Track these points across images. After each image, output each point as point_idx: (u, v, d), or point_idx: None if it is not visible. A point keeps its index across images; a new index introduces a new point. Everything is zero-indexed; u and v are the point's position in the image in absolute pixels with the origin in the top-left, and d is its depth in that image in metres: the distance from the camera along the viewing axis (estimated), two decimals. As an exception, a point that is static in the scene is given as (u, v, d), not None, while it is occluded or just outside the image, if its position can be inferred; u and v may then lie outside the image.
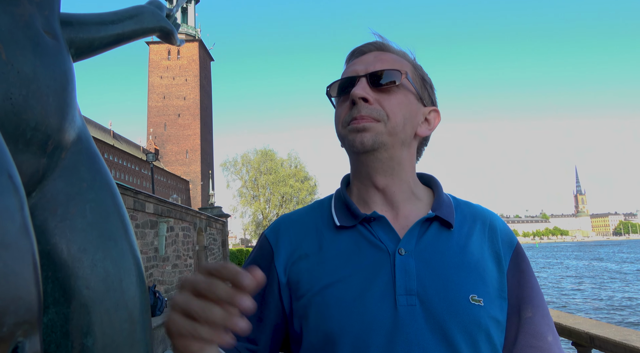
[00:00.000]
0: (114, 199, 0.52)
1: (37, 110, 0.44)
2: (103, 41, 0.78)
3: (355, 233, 0.82)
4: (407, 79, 0.84)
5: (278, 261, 0.83)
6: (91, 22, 0.76)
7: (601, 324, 4.65)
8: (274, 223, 0.91)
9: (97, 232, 0.49)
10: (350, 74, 0.84)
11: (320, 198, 0.95)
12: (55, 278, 0.45)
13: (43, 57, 0.46)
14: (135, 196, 8.54)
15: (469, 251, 0.82)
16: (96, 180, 0.51)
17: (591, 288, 23.93)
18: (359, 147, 0.80)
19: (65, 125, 0.48)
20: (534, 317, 0.81)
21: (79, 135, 0.52)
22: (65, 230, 0.47)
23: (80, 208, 0.48)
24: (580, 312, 16.25)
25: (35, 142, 0.45)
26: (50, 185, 0.48)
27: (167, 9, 1.10)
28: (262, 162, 42.97)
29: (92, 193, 0.50)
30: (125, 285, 0.48)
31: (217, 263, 0.50)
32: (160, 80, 79.85)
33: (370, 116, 0.79)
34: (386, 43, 0.89)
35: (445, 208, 0.85)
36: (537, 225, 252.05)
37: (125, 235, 0.52)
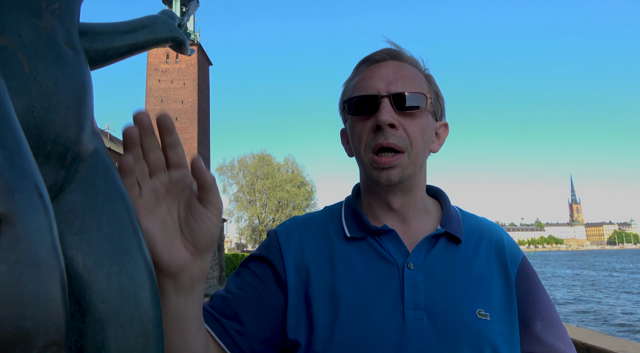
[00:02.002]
0: (129, 212, 0.52)
1: (58, 122, 0.43)
2: (117, 51, 0.77)
3: (365, 245, 0.83)
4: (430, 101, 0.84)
5: (287, 261, 0.83)
6: (105, 32, 0.76)
7: (598, 335, 4.67)
8: (285, 224, 0.91)
9: (112, 245, 0.48)
10: (369, 90, 0.81)
11: (331, 205, 0.96)
12: (71, 293, 0.44)
13: (64, 70, 0.45)
14: (132, 199, 8.50)
15: (476, 265, 0.82)
16: (112, 193, 0.51)
17: (586, 298, 23.99)
18: (385, 183, 0.79)
19: (83, 137, 0.48)
20: (543, 330, 0.81)
21: (96, 147, 0.52)
22: (82, 243, 0.46)
23: (97, 220, 0.48)
24: (576, 322, 16.26)
25: (54, 154, 0.45)
26: (67, 197, 0.47)
27: (179, 19, 1.10)
28: (259, 166, 43.04)
29: (108, 205, 0.50)
30: (140, 299, 0.48)
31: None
32: (158, 84, 79.93)
33: (397, 145, 0.78)
34: (401, 51, 0.87)
35: (454, 223, 0.85)
36: (532, 233, 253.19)
37: (139, 248, 0.51)
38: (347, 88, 0.89)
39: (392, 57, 0.85)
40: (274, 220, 43.23)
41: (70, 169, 0.49)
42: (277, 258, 0.84)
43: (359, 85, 0.84)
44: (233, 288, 0.83)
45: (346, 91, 0.88)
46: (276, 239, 0.87)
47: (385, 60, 0.85)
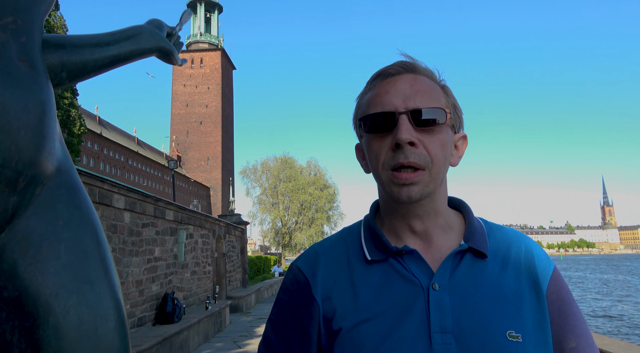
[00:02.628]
0: (95, 237, 0.48)
1: (6, 145, 0.40)
2: (97, 63, 0.75)
3: (387, 267, 0.80)
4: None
5: (316, 293, 0.81)
6: (85, 44, 0.73)
7: (632, 346, 4.43)
8: (306, 254, 0.89)
9: (71, 274, 0.45)
10: (385, 106, 0.78)
11: (350, 226, 0.92)
12: (22, 328, 0.41)
13: (14, 88, 0.42)
14: (155, 203, 8.64)
15: (504, 282, 0.78)
16: (74, 217, 0.47)
17: (619, 307, 23.00)
18: (405, 200, 0.77)
19: (40, 159, 0.45)
20: (577, 347, 0.77)
21: (59, 167, 0.49)
22: (36, 273, 0.43)
23: (54, 248, 0.45)
24: (608, 333, 15.55)
25: (2, 179, 0.41)
26: (21, 224, 0.44)
27: (169, 28, 1.07)
28: (281, 169, 43.15)
29: (69, 231, 0.46)
30: (101, 333, 0.44)
31: None
32: (184, 89, 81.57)
33: (418, 163, 0.75)
34: (415, 64, 0.83)
35: (478, 237, 0.82)
36: (561, 236, 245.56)
37: (104, 277, 0.48)
38: (360, 103, 0.86)
39: (407, 70, 0.82)
40: (297, 223, 43.27)
41: (25, 193, 0.46)
42: (307, 292, 0.83)
43: (375, 101, 0.80)
44: (279, 348, 0.85)
45: (360, 107, 0.85)
46: (301, 273, 0.85)
47: (400, 73, 0.82)
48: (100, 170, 50.96)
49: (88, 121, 47.00)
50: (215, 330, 10.48)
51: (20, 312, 0.41)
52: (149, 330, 7.51)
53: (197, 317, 9.15)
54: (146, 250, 8.18)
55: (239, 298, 15.03)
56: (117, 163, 57.15)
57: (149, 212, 8.31)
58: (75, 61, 0.69)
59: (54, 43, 0.65)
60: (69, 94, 23.07)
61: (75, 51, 0.70)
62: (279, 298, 0.88)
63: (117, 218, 7.08)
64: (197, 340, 8.88)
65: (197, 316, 9.24)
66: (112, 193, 6.80)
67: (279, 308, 0.86)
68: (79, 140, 24.38)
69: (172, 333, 7.38)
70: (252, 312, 14.77)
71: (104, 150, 53.69)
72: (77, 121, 23.88)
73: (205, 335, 9.56)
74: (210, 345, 9.21)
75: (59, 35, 0.69)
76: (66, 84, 0.73)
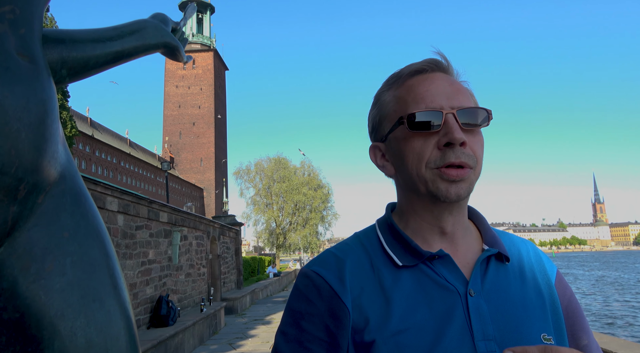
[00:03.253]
0: (103, 249, 0.44)
1: (4, 149, 0.36)
2: (100, 60, 0.70)
3: (418, 273, 0.76)
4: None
5: (347, 299, 0.74)
6: (87, 39, 0.68)
7: (630, 344, 4.44)
8: (323, 258, 0.81)
9: (79, 292, 0.40)
10: (430, 104, 0.75)
11: (363, 230, 0.87)
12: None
13: (13, 85, 0.38)
14: (149, 205, 8.55)
15: (527, 286, 0.79)
16: (80, 228, 0.43)
17: (614, 303, 23.20)
18: (454, 198, 0.74)
19: (42, 164, 0.40)
20: (590, 345, 0.79)
21: (62, 173, 0.44)
22: (39, 291, 0.39)
23: (59, 263, 0.40)
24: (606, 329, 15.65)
25: (1, 187, 0.37)
26: (22, 237, 0.39)
27: (174, 23, 1.02)
28: (275, 170, 43.03)
29: (75, 244, 0.42)
30: (112, 356, 0.40)
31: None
32: (176, 90, 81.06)
33: (468, 163, 0.74)
34: (449, 64, 0.82)
35: (499, 241, 0.82)
36: (554, 234, 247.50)
37: (114, 293, 0.43)
38: (386, 100, 0.82)
39: (441, 69, 0.81)
40: (291, 223, 43.15)
41: (26, 202, 0.41)
42: (333, 298, 0.74)
43: (414, 98, 0.77)
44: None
45: (387, 104, 0.81)
46: (321, 279, 0.76)
47: (434, 71, 0.80)
48: (92, 172, 50.52)
49: (79, 123, 46.58)
50: (211, 332, 10.40)
51: (22, 335, 0.37)
52: (143, 334, 7.42)
53: (192, 319, 9.07)
54: (140, 252, 8.09)
55: (233, 299, 14.94)
56: (109, 165, 56.69)
57: (142, 214, 8.21)
58: (76, 57, 0.64)
59: (53, 38, 0.60)
60: (59, 96, 22.86)
61: (76, 47, 0.65)
62: (292, 307, 0.78)
63: (111, 221, 6.99)
64: (192, 343, 8.80)
65: (192, 318, 9.16)
66: (105, 195, 6.71)
67: (293, 318, 0.77)
68: (71, 143, 24.17)
69: (167, 337, 7.31)
70: (247, 314, 14.70)
71: (95, 152, 53.23)
72: (68, 123, 23.66)
73: (201, 337, 9.48)
74: (206, 348, 9.13)
75: (58, 29, 0.64)
76: (66, 82, 0.68)
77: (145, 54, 0.87)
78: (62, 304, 0.40)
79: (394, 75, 0.82)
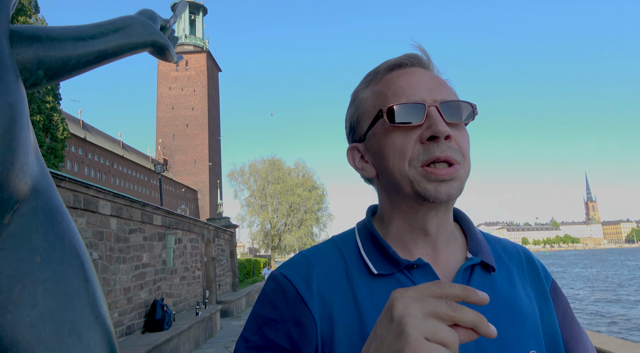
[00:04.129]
0: (81, 273, 0.38)
1: None
2: (81, 60, 0.64)
3: (394, 283, 0.71)
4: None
5: (313, 307, 0.69)
6: (66, 38, 0.62)
7: (628, 344, 4.42)
8: (294, 261, 0.76)
9: (52, 325, 0.35)
10: (412, 97, 0.71)
11: (341, 234, 0.82)
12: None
13: None
14: (142, 208, 8.45)
15: (516, 297, 0.73)
16: (55, 250, 0.37)
17: (611, 303, 23.33)
18: (445, 198, 0.68)
19: (9, 178, 0.35)
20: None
21: (34, 187, 0.39)
22: (5, 328, 0.33)
23: (29, 293, 0.35)
24: (603, 329, 15.71)
25: None
26: None
27: (163, 21, 0.96)
28: (269, 171, 42.94)
29: (48, 269, 0.37)
30: (92, 398, 0.34)
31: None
32: (169, 91, 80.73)
33: (454, 158, 0.68)
34: (430, 60, 0.77)
35: (484, 249, 0.76)
36: (547, 232, 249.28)
37: (94, 323, 0.38)
38: (365, 97, 0.77)
39: (421, 64, 0.76)
40: (286, 225, 43.07)
41: (-10, 224, 0.37)
42: (299, 305, 0.69)
43: (394, 92, 0.72)
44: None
45: (365, 101, 0.76)
46: (288, 283, 0.71)
47: (414, 65, 0.76)
48: (84, 175, 50.11)
49: (71, 125, 46.20)
50: (206, 335, 10.31)
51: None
52: (138, 339, 7.33)
53: (187, 323, 8.98)
54: (134, 256, 7.99)
55: (229, 302, 14.85)
56: (102, 167, 56.29)
57: (136, 218, 8.11)
58: (55, 57, 0.58)
59: (28, 35, 0.54)
60: (51, 98, 22.62)
61: (54, 45, 0.59)
62: (256, 312, 0.73)
63: (104, 225, 6.89)
64: (187, 347, 8.70)
65: (187, 322, 9.06)
66: (97, 199, 6.61)
67: (256, 324, 0.71)
68: (63, 145, 23.89)
69: (162, 341, 7.22)
70: (243, 316, 14.61)
71: (88, 154, 52.84)
72: (60, 125, 23.40)
73: (196, 341, 9.39)
74: (202, 352, 9.05)
75: (32, 26, 0.58)
76: (43, 84, 0.62)
77: (132, 53, 0.81)
78: (32, 341, 0.34)
79: (372, 72, 0.78)
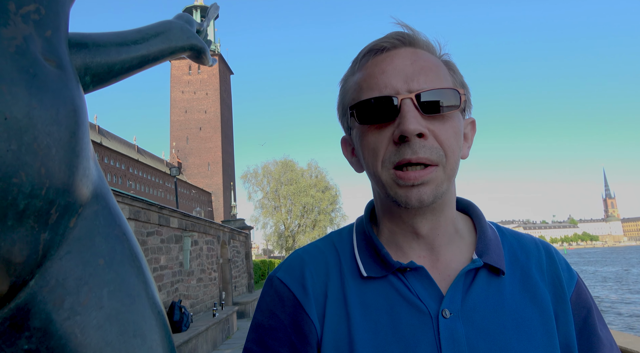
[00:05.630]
0: (141, 275, 0.39)
1: (34, 168, 0.31)
2: (125, 65, 0.65)
3: (386, 286, 0.66)
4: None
5: (310, 310, 0.66)
6: (111, 43, 0.63)
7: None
8: (289, 262, 0.72)
9: (117, 327, 0.35)
10: (384, 89, 0.63)
11: (339, 230, 0.77)
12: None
13: (42, 94, 0.33)
14: (160, 211, 8.54)
15: (528, 303, 0.65)
16: (116, 253, 0.38)
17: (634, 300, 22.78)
18: (416, 204, 0.62)
19: (74, 183, 0.35)
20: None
21: (95, 192, 0.40)
22: (75, 329, 0.34)
23: (96, 295, 0.35)
24: (630, 329, 15.30)
25: (31, 213, 0.32)
26: (54, 267, 0.35)
27: (198, 24, 0.98)
28: (282, 172, 43.07)
29: (111, 272, 0.37)
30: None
31: None
32: (182, 95, 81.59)
33: (429, 159, 0.61)
34: (415, 36, 0.67)
35: (493, 249, 0.68)
36: (565, 230, 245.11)
37: (155, 323, 0.38)
38: (347, 88, 0.71)
39: (405, 43, 0.67)
40: (300, 225, 43.14)
41: (58, 227, 0.37)
42: (297, 311, 0.66)
43: (368, 83, 0.65)
44: None
45: (347, 92, 0.70)
46: (285, 288, 0.68)
47: (396, 47, 0.66)
48: (101, 179, 50.85)
49: (87, 130, 46.83)
50: (224, 337, 10.37)
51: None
52: (157, 341, 7.42)
53: (204, 324, 9.05)
54: (151, 259, 8.08)
55: (245, 303, 14.92)
56: (118, 171, 57.14)
57: (153, 221, 8.21)
58: (101, 63, 0.59)
59: (76, 42, 0.56)
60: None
61: (99, 51, 0.60)
62: (256, 321, 0.69)
63: (122, 228, 6.99)
64: (205, 348, 8.77)
65: (204, 324, 9.13)
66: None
67: (257, 334, 0.68)
68: (80, 150, 24.29)
69: (180, 343, 7.28)
70: (259, 318, 14.66)
71: (104, 159, 53.68)
72: (77, 131, 23.80)
73: (214, 342, 9.45)
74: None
75: (79, 33, 0.59)
76: (90, 90, 0.63)
77: (171, 57, 0.83)
78: (100, 342, 0.35)
79: (358, 55, 0.70)
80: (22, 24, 0.34)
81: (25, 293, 0.35)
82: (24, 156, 0.31)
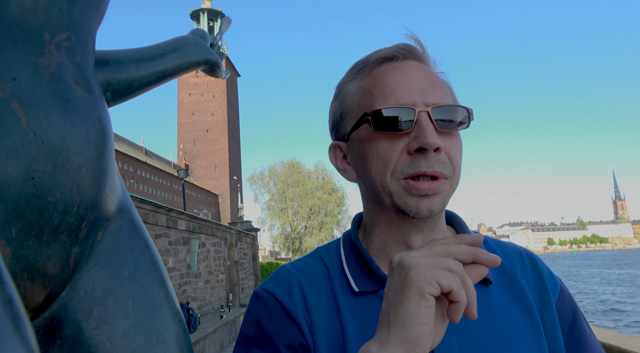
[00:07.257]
0: (163, 285, 0.41)
1: (67, 187, 0.33)
2: (143, 81, 0.67)
3: (379, 301, 0.65)
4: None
5: (299, 319, 0.65)
6: (129, 60, 0.66)
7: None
8: (277, 275, 0.71)
9: (142, 335, 0.37)
10: (401, 99, 0.63)
11: (326, 245, 0.77)
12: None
13: (74, 117, 0.35)
14: (168, 214, 8.61)
15: (516, 312, 0.66)
16: (140, 264, 0.40)
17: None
18: (426, 214, 0.62)
19: (102, 199, 0.38)
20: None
21: (119, 206, 0.42)
22: (103, 338, 0.36)
23: (122, 305, 0.37)
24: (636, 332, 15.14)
25: (64, 229, 0.34)
26: (83, 279, 0.37)
27: (211, 38, 1.01)
28: (289, 174, 43.15)
29: (136, 283, 0.39)
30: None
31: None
32: (189, 97, 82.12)
33: (442, 173, 0.62)
34: (425, 51, 0.69)
35: None
36: (574, 232, 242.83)
37: (177, 332, 0.40)
38: (349, 91, 0.70)
39: (414, 57, 0.68)
40: (306, 227, 43.17)
41: (87, 241, 0.39)
42: (288, 323, 0.65)
43: (381, 90, 0.65)
44: None
45: (350, 96, 0.69)
46: (274, 300, 0.66)
47: (406, 58, 0.67)
48: (109, 181, 51.25)
49: (96, 133, 47.21)
50: (231, 338, 10.41)
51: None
52: (165, 342, 7.46)
53: (212, 326, 9.10)
54: (160, 261, 8.16)
55: (252, 305, 14.96)
56: (126, 174, 57.58)
57: (161, 223, 8.28)
58: (121, 79, 0.62)
59: (98, 60, 0.58)
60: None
61: (119, 68, 0.63)
62: (242, 334, 0.68)
63: (131, 231, 7.05)
64: (213, 350, 8.81)
65: (212, 325, 9.18)
66: (125, 205, 6.78)
67: (244, 349, 0.66)
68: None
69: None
70: (266, 320, 14.66)
71: (112, 161, 54.11)
72: (86, 133, 24.01)
73: (221, 344, 9.49)
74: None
75: (100, 50, 0.62)
76: (110, 105, 0.65)
77: (187, 71, 0.86)
78: (126, 350, 0.37)
79: (360, 62, 0.70)
80: (56, 52, 0.36)
81: (57, 303, 0.38)
82: (59, 176, 0.33)
